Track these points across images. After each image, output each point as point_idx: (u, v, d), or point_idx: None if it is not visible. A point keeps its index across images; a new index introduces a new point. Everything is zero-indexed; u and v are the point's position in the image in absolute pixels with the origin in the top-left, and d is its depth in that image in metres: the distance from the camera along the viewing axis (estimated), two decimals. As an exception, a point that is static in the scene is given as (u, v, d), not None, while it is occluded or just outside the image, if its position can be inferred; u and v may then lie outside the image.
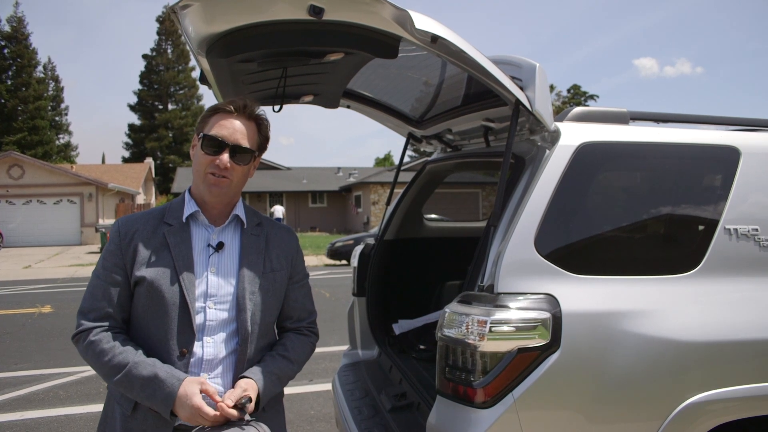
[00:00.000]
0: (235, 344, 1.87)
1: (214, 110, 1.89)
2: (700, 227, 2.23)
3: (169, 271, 1.79)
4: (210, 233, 1.90)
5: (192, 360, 1.80)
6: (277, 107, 2.70)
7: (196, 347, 1.80)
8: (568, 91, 56.22)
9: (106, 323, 1.80)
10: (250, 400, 1.75)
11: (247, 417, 1.78)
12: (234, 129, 1.84)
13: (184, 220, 1.87)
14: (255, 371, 1.86)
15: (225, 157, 1.82)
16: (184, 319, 1.78)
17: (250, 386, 1.80)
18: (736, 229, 2.18)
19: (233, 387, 1.84)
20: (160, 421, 1.76)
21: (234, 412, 1.71)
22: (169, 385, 1.67)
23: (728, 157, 2.29)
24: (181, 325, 1.78)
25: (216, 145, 1.82)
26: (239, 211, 1.97)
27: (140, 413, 1.78)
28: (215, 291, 1.84)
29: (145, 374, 1.69)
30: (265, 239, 1.99)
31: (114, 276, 1.81)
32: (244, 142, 1.86)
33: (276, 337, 2.07)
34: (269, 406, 1.95)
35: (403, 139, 3.60)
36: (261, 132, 1.93)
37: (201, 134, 1.86)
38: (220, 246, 1.89)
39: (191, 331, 1.78)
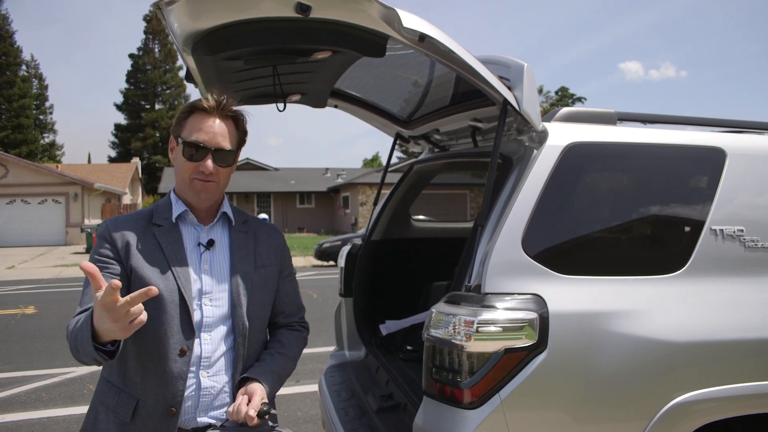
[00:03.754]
0: (232, 341, 1.86)
1: (190, 110, 1.84)
2: (687, 228, 2.24)
3: (165, 271, 1.77)
4: (199, 232, 1.89)
5: (191, 358, 1.78)
6: (281, 106, 2.68)
7: (194, 345, 1.79)
8: (556, 93, 56.57)
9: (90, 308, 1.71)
10: (269, 407, 1.75)
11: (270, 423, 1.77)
12: (214, 132, 1.81)
13: (174, 221, 1.85)
14: (258, 372, 1.85)
15: (209, 163, 1.79)
16: (184, 317, 1.76)
17: (259, 390, 1.78)
18: (722, 230, 2.19)
19: (237, 387, 1.82)
20: (161, 425, 1.74)
21: (259, 421, 1.71)
22: (87, 316, 1.56)
23: (714, 158, 2.31)
24: (180, 324, 1.76)
25: (198, 151, 1.80)
26: (226, 208, 1.95)
27: (140, 419, 1.75)
28: (210, 288, 1.83)
29: (78, 325, 1.60)
30: (254, 236, 1.98)
31: (110, 266, 1.77)
32: (226, 144, 1.83)
33: (267, 334, 2.06)
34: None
35: (391, 140, 3.59)
36: (239, 128, 1.90)
37: (180, 139, 1.82)
38: (210, 243, 1.88)
39: (191, 329, 1.77)
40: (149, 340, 1.76)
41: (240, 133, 1.90)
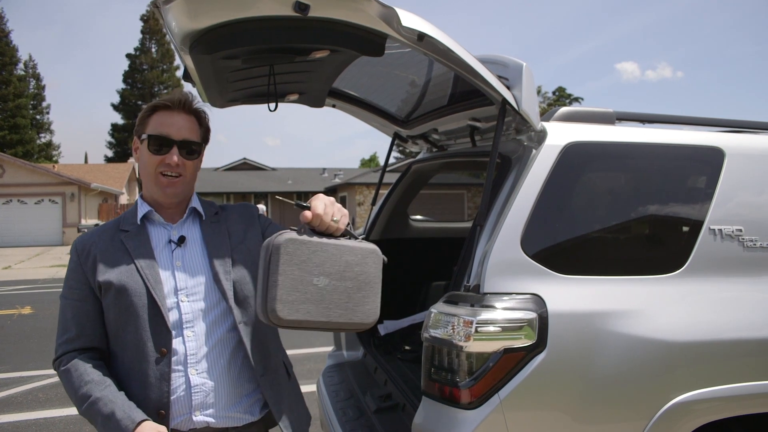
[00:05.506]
0: (223, 332, 1.82)
1: (153, 108, 1.86)
2: (686, 228, 2.24)
3: (133, 275, 1.76)
4: (169, 230, 1.87)
5: (174, 358, 1.75)
6: (272, 105, 2.67)
7: (177, 344, 1.76)
8: (554, 93, 56.62)
9: (79, 346, 1.78)
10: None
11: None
12: (179, 125, 1.82)
13: (139, 223, 1.84)
14: None
15: (174, 156, 1.79)
16: (157, 318, 1.74)
17: (325, 196, 1.72)
18: (720, 230, 2.19)
19: None
20: None
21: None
22: (123, 426, 1.64)
23: (713, 157, 2.31)
24: (154, 326, 1.74)
25: (163, 144, 1.79)
26: (195, 204, 1.94)
27: None
28: (185, 284, 1.81)
29: (104, 411, 1.66)
30: (225, 222, 1.96)
31: (79, 293, 1.79)
32: (191, 137, 1.84)
33: None
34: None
35: (389, 140, 3.58)
36: (202, 124, 1.91)
37: (144, 135, 1.82)
38: (181, 240, 1.85)
39: (166, 330, 1.74)
40: (128, 346, 1.75)
41: (203, 130, 1.91)
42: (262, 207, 29.13)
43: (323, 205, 1.65)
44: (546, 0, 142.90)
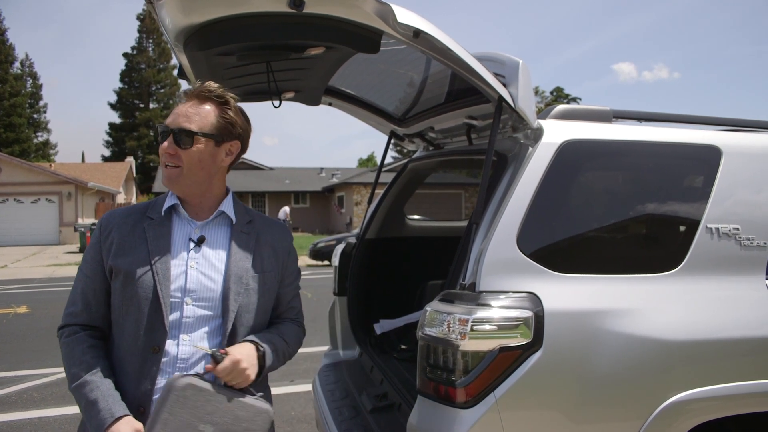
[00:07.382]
0: (217, 344, 1.77)
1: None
2: (682, 226, 2.23)
3: (145, 265, 1.72)
4: (192, 228, 1.82)
5: (165, 360, 1.71)
6: (275, 102, 2.67)
7: (170, 345, 1.72)
8: (551, 93, 56.68)
9: (81, 322, 1.77)
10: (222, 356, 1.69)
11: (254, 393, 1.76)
12: (178, 113, 1.74)
13: (163, 213, 1.81)
14: (253, 337, 1.79)
15: (165, 143, 1.74)
16: (157, 315, 1.70)
17: (246, 351, 1.73)
18: (717, 228, 2.18)
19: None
20: None
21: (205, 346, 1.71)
22: (102, 418, 1.62)
23: (710, 156, 2.30)
24: (152, 321, 1.70)
25: (162, 133, 1.76)
26: (226, 207, 1.86)
27: None
28: (194, 287, 1.75)
29: (89, 397, 1.65)
30: (256, 238, 1.88)
31: (92, 269, 1.78)
32: (188, 125, 1.72)
33: None
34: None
35: (386, 139, 3.57)
36: (223, 114, 1.78)
37: None
38: (201, 240, 1.80)
39: (163, 328, 1.70)
40: (126, 335, 1.73)
41: (221, 121, 1.77)
42: (286, 210, 28.58)
43: (231, 368, 1.69)
44: (544, 0, 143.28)
